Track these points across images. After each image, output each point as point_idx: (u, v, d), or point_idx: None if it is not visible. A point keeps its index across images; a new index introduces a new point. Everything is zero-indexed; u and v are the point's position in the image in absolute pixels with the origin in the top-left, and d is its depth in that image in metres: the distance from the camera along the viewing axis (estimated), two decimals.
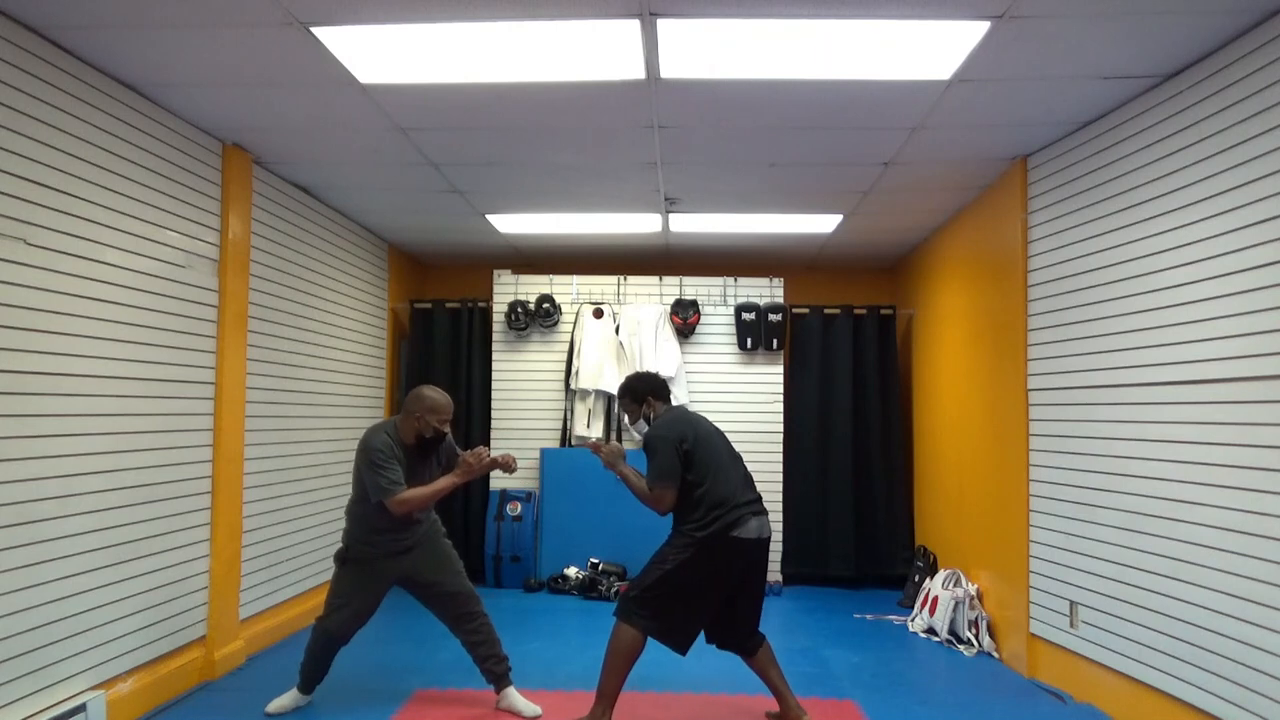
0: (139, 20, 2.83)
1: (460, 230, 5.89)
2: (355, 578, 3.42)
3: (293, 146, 4.15)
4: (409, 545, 3.44)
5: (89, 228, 3.17)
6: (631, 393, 3.52)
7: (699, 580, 3.17)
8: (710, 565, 3.16)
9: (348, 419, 5.55)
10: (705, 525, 3.14)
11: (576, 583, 5.77)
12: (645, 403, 3.48)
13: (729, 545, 3.15)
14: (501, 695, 3.52)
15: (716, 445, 3.32)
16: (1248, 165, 2.83)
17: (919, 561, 5.70)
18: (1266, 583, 2.74)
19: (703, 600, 3.21)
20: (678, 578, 3.15)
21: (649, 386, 3.51)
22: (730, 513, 3.15)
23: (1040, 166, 4.10)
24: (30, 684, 2.89)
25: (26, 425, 2.88)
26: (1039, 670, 4.05)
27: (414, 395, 3.43)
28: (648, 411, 3.48)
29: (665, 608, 3.17)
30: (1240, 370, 2.86)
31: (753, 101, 3.49)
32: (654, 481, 3.23)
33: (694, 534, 3.16)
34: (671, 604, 3.17)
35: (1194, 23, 2.80)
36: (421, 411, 3.37)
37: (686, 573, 3.15)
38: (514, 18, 2.79)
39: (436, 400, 3.40)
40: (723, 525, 3.13)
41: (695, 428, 3.33)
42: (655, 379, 3.58)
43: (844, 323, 6.35)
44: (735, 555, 3.18)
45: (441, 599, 3.50)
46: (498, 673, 3.53)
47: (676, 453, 3.20)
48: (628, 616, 3.20)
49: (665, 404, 3.51)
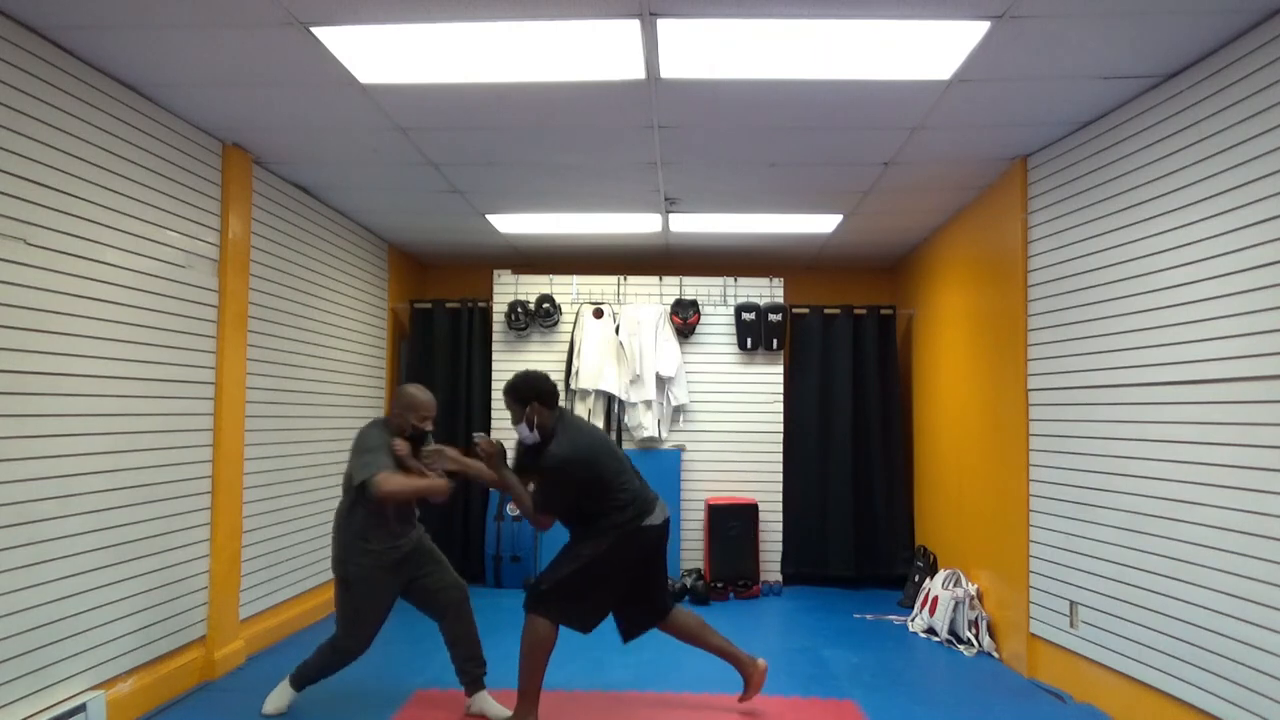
0: (139, 20, 2.83)
1: (460, 230, 5.89)
2: (364, 596, 3.36)
3: (293, 146, 4.15)
4: (406, 553, 3.42)
5: (89, 228, 3.17)
6: (515, 392, 3.31)
7: (613, 569, 3.29)
8: (625, 554, 3.29)
9: (348, 419, 5.54)
10: (622, 519, 3.26)
11: None
12: (529, 406, 3.29)
13: (642, 534, 3.30)
14: (474, 699, 3.49)
15: (611, 450, 3.42)
16: (1248, 165, 2.83)
17: (919, 561, 5.70)
18: (1266, 583, 2.74)
19: (615, 586, 3.34)
20: (594, 569, 3.25)
21: (535, 390, 3.30)
22: (640, 504, 3.30)
23: (1040, 166, 4.10)
24: (30, 684, 2.89)
25: (26, 425, 2.88)
26: (1039, 670, 4.05)
27: (398, 393, 3.49)
28: (531, 415, 3.29)
29: (579, 597, 3.27)
30: (1240, 370, 2.86)
31: (753, 101, 3.49)
32: (544, 508, 3.30)
33: (610, 529, 3.25)
34: (585, 593, 3.27)
35: (1194, 23, 2.80)
36: (401, 409, 3.40)
37: (603, 563, 3.25)
38: (514, 18, 2.79)
39: (415, 396, 3.42)
40: (635, 515, 3.28)
41: (593, 446, 3.33)
42: (543, 382, 3.34)
43: (844, 323, 6.34)
44: (647, 541, 3.33)
45: (431, 593, 3.47)
46: (475, 675, 3.50)
47: (572, 487, 3.24)
48: (542, 609, 3.25)
49: (550, 410, 3.32)
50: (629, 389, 6.09)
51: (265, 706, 3.45)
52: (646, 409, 6.08)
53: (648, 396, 6.05)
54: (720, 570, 5.85)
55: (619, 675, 4.02)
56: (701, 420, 6.19)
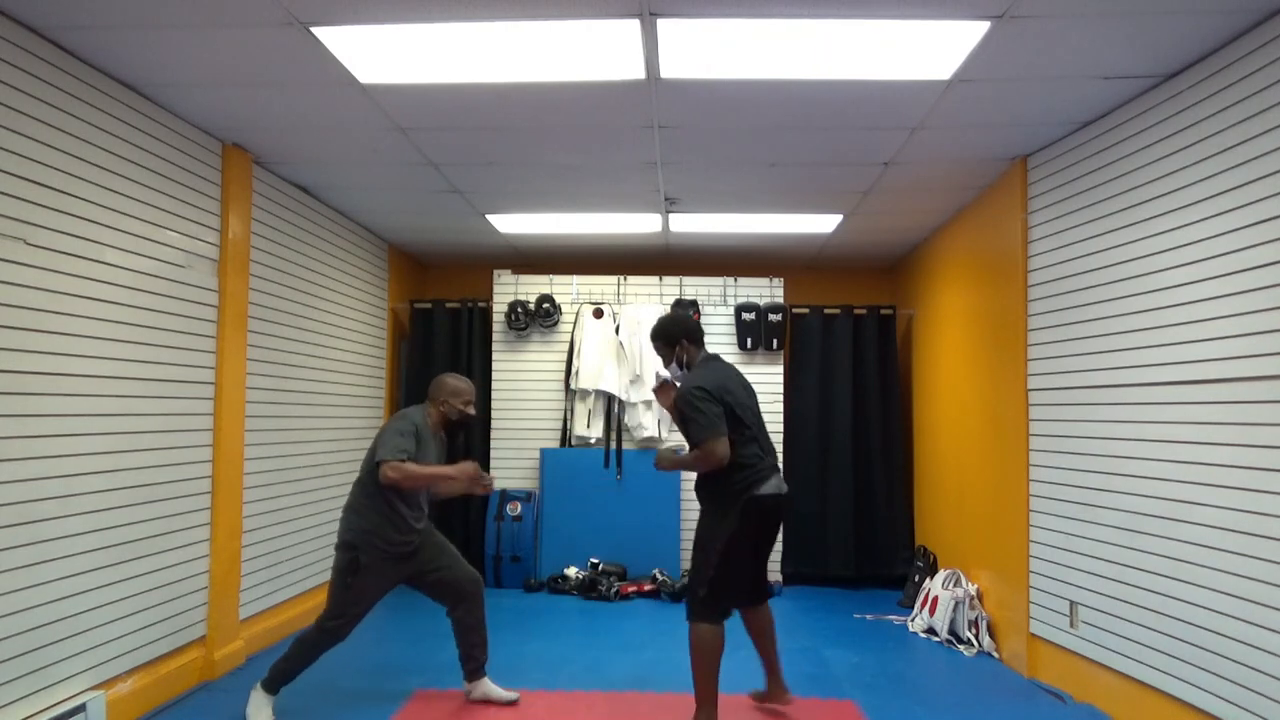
0: (139, 20, 2.83)
1: (460, 230, 5.89)
2: (369, 584, 3.35)
3: (293, 146, 4.15)
4: (416, 547, 3.45)
5: (89, 228, 3.17)
6: (664, 335, 3.40)
7: (742, 548, 3.18)
8: (746, 529, 3.16)
9: (348, 419, 5.55)
10: (736, 488, 3.12)
11: (576, 583, 5.77)
12: (678, 345, 3.35)
13: (758, 504, 3.14)
14: (475, 685, 3.57)
15: (746, 402, 3.24)
16: (1248, 165, 2.83)
17: (919, 561, 5.70)
18: (1266, 583, 2.74)
19: (746, 563, 3.24)
20: (727, 557, 3.13)
21: (682, 329, 3.38)
22: (756, 471, 3.15)
23: (1040, 166, 4.10)
24: (30, 684, 2.89)
25: (26, 425, 2.88)
26: (1039, 670, 4.05)
27: (436, 382, 3.55)
28: (680, 354, 3.35)
29: (728, 585, 3.17)
30: (1240, 370, 2.86)
31: (753, 101, 3.49)
32: (699, 436, 3.09)
33: (727, 503, 3.13)
34: (729, 582, 3.17)
35: (1194, 23, 2.80)
36: (444, 396, 3.48)
37: (732, 549, 3.14)
38: (514, 18, 2.79)
39: (458, 385, 3.52)
40: (748, 484, 3.13)
41: (729, 380, 3.23)
42: (688, 321, 3.43)
43: (844, 323, 6.35)
44: (764, 513, 3.19)
45: (445, 585, 3.52)
46: (480, 661, 3.58)
47: (715, 402, 3.10)
48: (705, 615, 3.15)
49: (699, 348, 3.39)
50: (629, 389, 6.09)
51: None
52: (646, 409, 6.08)
53: (648, 396, 6.05)
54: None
55: (619, 675, 4.02)
56: None
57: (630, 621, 5.09)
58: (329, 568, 3.49)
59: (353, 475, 5.60)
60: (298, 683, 3.70)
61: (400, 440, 3.29)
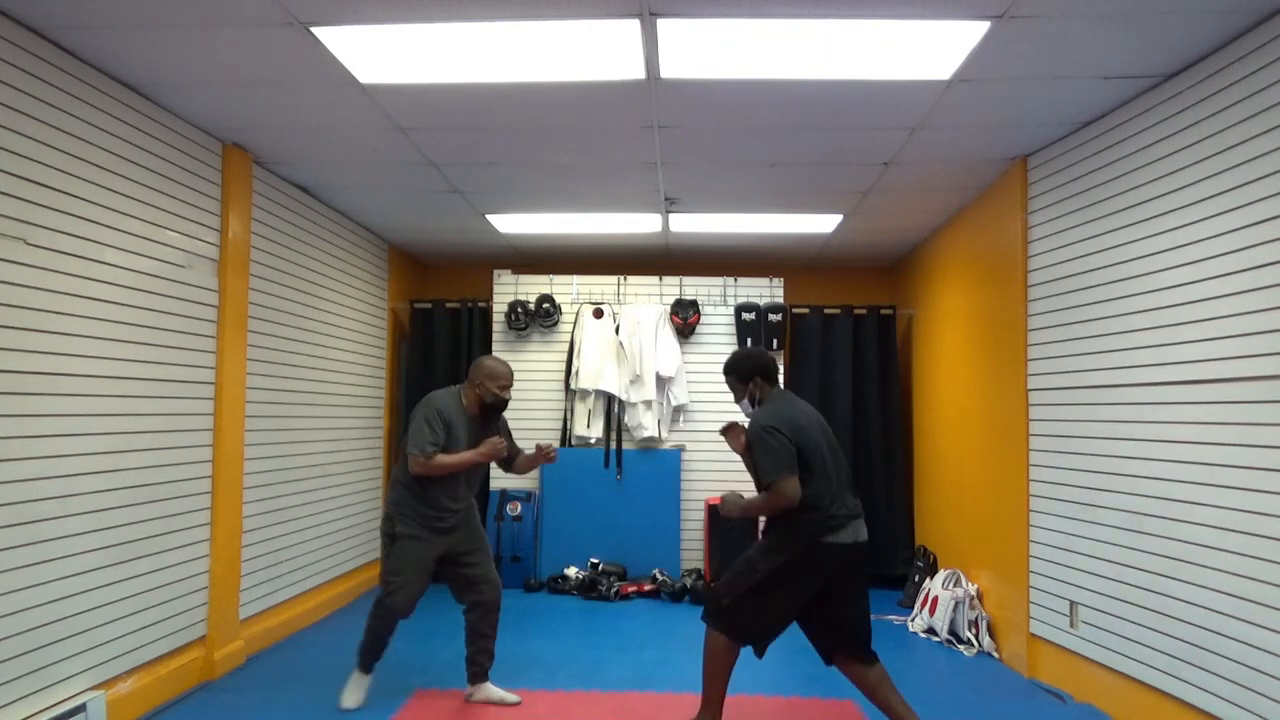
0: (139, 20, 2.83)
1: (460, 230, 5.89)
2: (409, 554, 3.46)
3: (293, 146, 4.15)
4: (452, 525, 3.50)
5: (89, 228, 3.17)
6: (736, 370, 3.27)
7: (789, 586, 3.00)
8: (801, 571, 2.99)
9: (348, 419, 5.55)
10: (799, 528, 2.96)
11: (576, 583, 5.77)
12: (751, 382, 3.24)
13: (822, 551, 2.96)
14: (479, 688, 3.59)
15: (819, 441, 3.07)
16: (1248, 165, 2.83)
17: (919, 561, 5.70)
18: (1266, 583, 2.74)
19: (791, 605, 3.04)
20: (767, 586, 3.00)
21: (756, 365, 3.26)
22: (828, 517, 2.95)
23: (1040, 166, 4.10)
24: (30, 684, 2.89)
25: (26, 425, 2.88)
26: (1039, 670, 4.05)
27: (475, 364, 3.58)
28: (754, 391, 3.24)
29: (754, 616, 3.05)
30: (1240, 370, 2.86)
31: (753, 101, 3.49)
32: (774, 474, 2.94)
33: (786, 539, 2.99)
34: (760, 613, 3.04)
35: (1194, 23, 2.80)
36: (481, 378, 3.50)
37: (776, 582, 2.99)
38: (514, 18, 2.79)
39: (496, 367, 3.54)
40: (816, 530, 2.95)
41: (802, 418, 3.09)
42: (763, 357, 3.31)
43: (844, 323, 6.34)
44: (827, 561, 2.99)
45: (468, 580, 3.55)
46: (485, 666, 3.60)
47: (788, 442, 2.96)
48: (720, 623, 3.09)
49: (773, 385, 3.27)
50: (629, 389, 6.09)
51: (345, 702, 3.50)
52: (646, 409, 6.08)
53: (648, 396, 6.05)
54: (720, 570, 5.84)
55: (619, 675, 4.02)
56: (701, 420, 6.19)
57: (630, 621, 5.09)
58: (329, 567, 3.51)
59: (353, 475, 5.66)
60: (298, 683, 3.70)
61: (427, 432, 3.36)
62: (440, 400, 3.49)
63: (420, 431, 3.37)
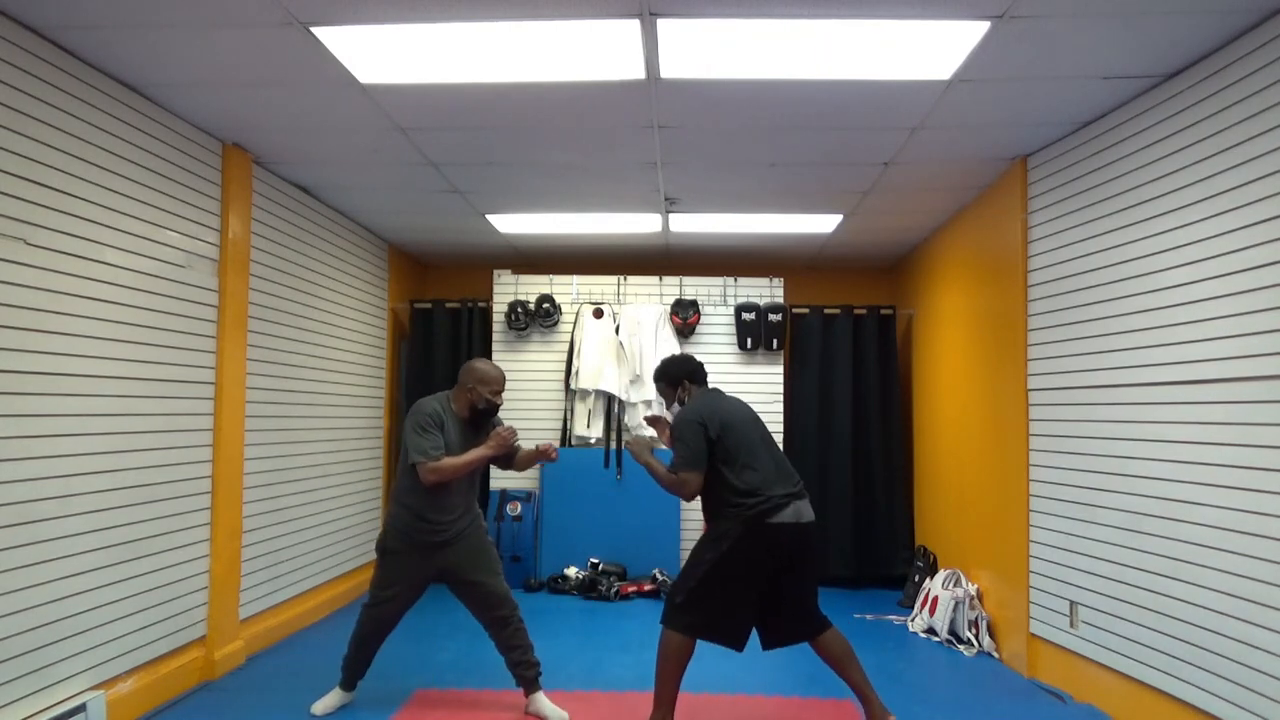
0: (139, 20, 2.83)
1: (460, 230, 5.89)
2: (396, 568, 3.43)
3: (293, 146, 4.15)
4: (446, 539, 3.42)
5: (89, 228, 3.17)
6: (666, 376, 3.43)
7: (737, 573, 3.08)
8: (747, 556, 3.07)
9: (348, 419, 5.55)
10: (738, 515, 3.07)
11: (576, 583, 5.77)
12: (680, 386, 3.39)
13: (764, 533, 3.06)
14: (530, 700, 3.50)
15: (748, 431, 3.20)
16: (1247, 165, 2.83)
17: (919, 561, 5.70)
18: (1266, 583, 2.74)
19: (744, 592, 3.11)
20: (716, 575, 3.08)
21: (684, 370, 3.43)
22: (764, 500, 3.06)
23: (1040, 166, 4.10)
24: (30, 684, 2.89)
25: (26, 425, 2.88)
26: (1039, 670, 4.05)
27: (466, 367, 3.48)
28: (683, 395, 3.39)
29: (707, 607, 3.10)
30: (1240, 370, 2.86)
31: (753, 101, 3.49)
32: (679, 466, 3.14)
33: (726, 526, 3.09)
34: (715, 602, 3.10)
35: (1194, 23, 2.80)
36: (473, 382, 3.42)
37: (724, 569, 3.07)
38: (514, 18, 2.79)
39: (488, 371, 3.45)
40: (756, 513, 3.05)
41: (726, 413, 3.21)
42: (690, 362, 3.47)
43: (844, 323, 6.35)
44: (772, 543, 3.08)
45: (478, 599, 3.49)
46: (528, 677, 3.50)
47: (703, 437, 3.11)
48: (674, 622, 3.13)
49: (701, 387, 3.41)
50: (629, 389, 6.09)
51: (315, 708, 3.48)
52: (646, 409, 6.08)
53: (648, 396, 6.05)
54: None
55: (619, 675, 4.02)
56: None
57: (630, 621, 5.09)
58: (329, 567, 3.51)
59: (353, 475, 5.67)
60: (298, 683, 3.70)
61: (425, 439, 3.29)
62: (429, 406, 3.41)
63: (418, 440, 3.29)
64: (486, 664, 4.16)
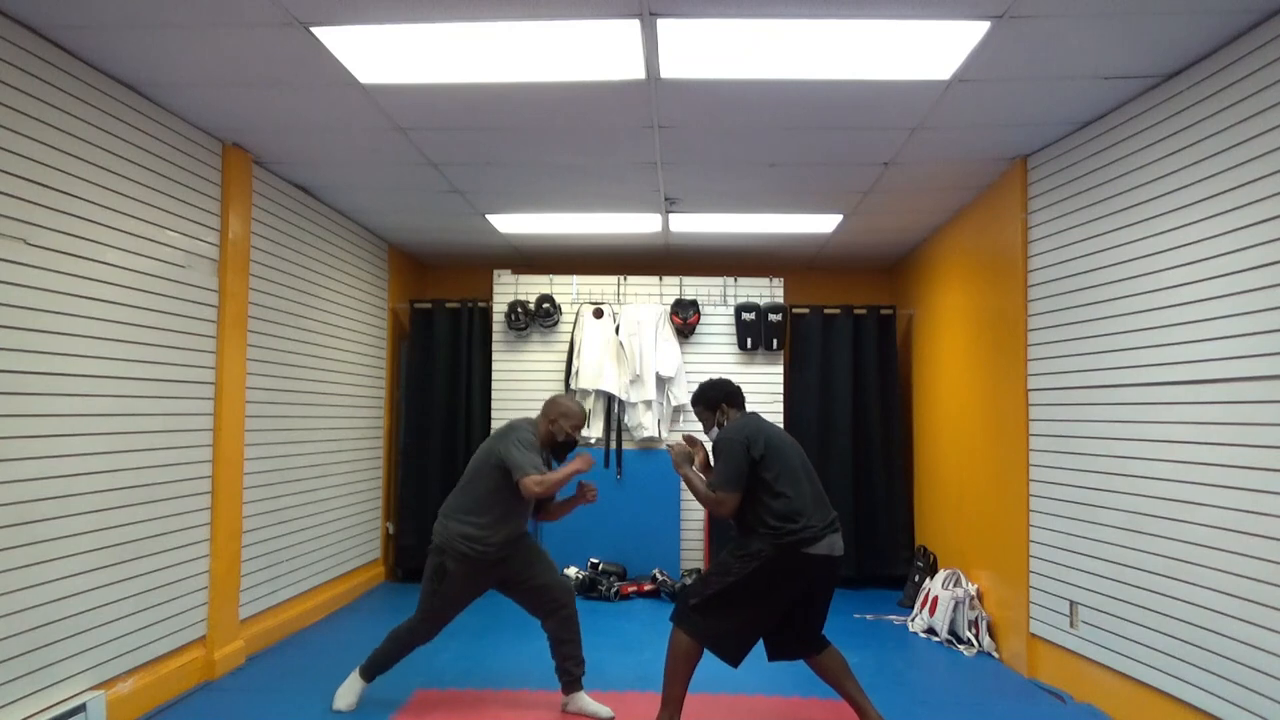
0: (139, 20, 2.83)
1: (460, 230, 5.89)
2: (457, 589, 3.42)
3: (293, 146, 4.15)
4: (507, 555, 3.46)
5: (89, 228, 3.17)
6: (704, 400, 3.39)
7: (761, 594, 3.05)
8: (775, 580, 3.03)
9: (348, 419, 5.55)
10: (774, 539, 3.01)
11: (576, 583, 5.76)
12: (718, 409, 3.35)
13: (798, 561, 3.01)
14: (571, 698, 3.51)
15: (789, 456, 3.14)
16: (1248, 165, 2.83)
17: (919, 561, 5.70)
18: (1266, 583, 2.74)
19: (763, 614, 3.10)
20: (740, 590, 3.03)
21: (722, 393, 3.38)
22: (803, 529, 3.00)
23: (1040, 166, 4.10)
24: (30, 684, 2.89)
25: (26, 425, 2.88)
26: (1039, 670, 4.05)
27: (551, 401, 3.58)
28: (721, 419, 3.35)
29: (723, 619, 3.07)
30: (1240, 370, 2.86)
31: (753, 101, 3.49)
32: (719, 485, 3.09)
33: (761, 547, 3.03)
34: (730, 616, 3.07)
35: (1194, 23, 2.80)
36: (556, 415, 3.51)
37: (749, 586, 3.03)
38: (514, 18, 2.79)
39: (571, 408, 3.56)
40: (793, 540, 2.99)
41: (770, 436, 3.16)
42: (728, 385, 3.42)
43: (844, 323, 6.34)
44: (802, 571, 3.05)
45: (539, 599, 3.50)
46: (575, 674, 3.51)
47: (745, 457, 3.06)
48: (684, 623, 3.11)
49: (739, 411, 3.37)
50: (629, 389, 6.09)
51: (336, 702, 3.49)
52: (646, 409, 6.08)
53: (648, 396, 6.05)
54: None
55: (619, 675, 4.02)
56: None
57: (630, 621, 5.09)
58: (329, 567, 3.50)
59: (353, 475, 5.66)
60: (298, 683, 3.70)
61: (531, 455, 3.34)
62: (524, 430, 3.46)
63: (522, 455, 3.32)
64: (486, 664, 4.17)
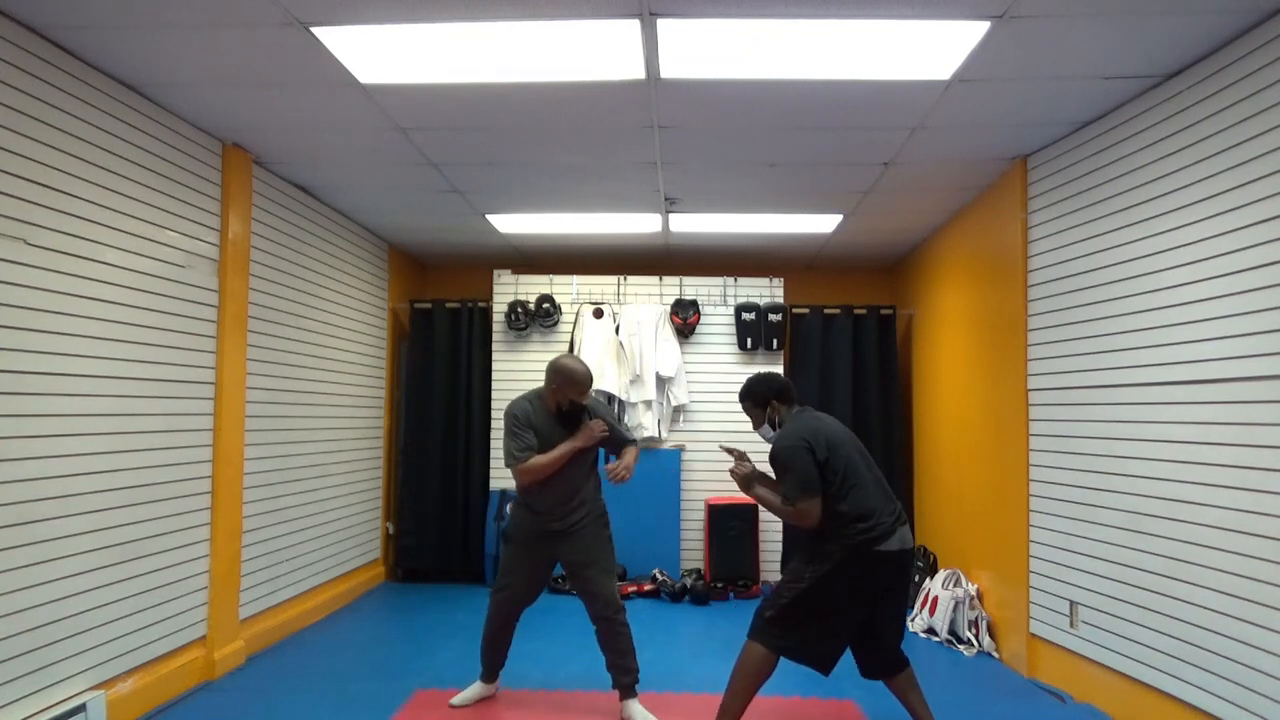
0: (139, 20, 2.83)
1: (460, 230, 5.89)
2: (513, 556, 3.54)
3: (293, 146, 4.15)
4: (563, 529, 3.44)
5: (89, 228, 3.17)
6: (752, 395, 3.23)
7: (838, 597, 2.94)
8: (851, 581, 2.93)
9: (348, 419, 5.55)
10: (847, 540, 2.90)
11: None
12: (769, 406, 3.20)
13: (872, 560, 2.91)
14: (622, 706, 3.50)
15: (850, 452, 3.02)
16: (1248, 165, 2.83)
17: (919, 561, 5.69)
18: (1266, 583, 2.74)
19: (842, 617, 2.99)
20: (815, 595, 2.93)
21: (772, 388, 3.20)
22: (873, 527, 2.90)
23: (1040, 166, 4.10)
24: (30, 684, 2.89)
25: (26, 425, 2.88)
26: (1039, 670, 4.05)
27: (552, 367, 3.41)
28: (772, 415, 3.20)
29: (802, 626, 2.96)
30: (1240, 370, 2.86)
31: (753, 101, 3.49)
32: (797, 495, 2.94)
33: (829, 548, 2.92)
34: (808, 622, 2.96)
35: (1194, 23, 2.80)
36: (559, 384, 3.39)
37: (824, 590, 2.92)
38: (514, 18, 2.79)
39: (575, 372, 3.38)
40: (866, 540, 2.89)
41: (829, 433, 3.02)
42: (777, 380, 3.25)
43: (844, 323, 6.35)
44: (877, 570, 2.94)
45: (585, 595, 3.51)
46: (624, 683, 3.49)
47: (812, 461, 2.93)
48: (762, 636, 3.00)
49: (789, 406, 3.19)
50: (629, 389, 6.09)
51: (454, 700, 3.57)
52: (646, 409, 6.08)
53: (648, 396, 6.05)
54: (720, 570, 5.85)
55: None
56: (701, 420, 6.19)
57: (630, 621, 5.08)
58: (329, 567, 3.50)
59: (353, 475, 5.66)
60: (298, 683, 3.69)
61: (515, 443, 3.34)
62: (519, 407, 3.41)
63: (508, 443, 3.35)
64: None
